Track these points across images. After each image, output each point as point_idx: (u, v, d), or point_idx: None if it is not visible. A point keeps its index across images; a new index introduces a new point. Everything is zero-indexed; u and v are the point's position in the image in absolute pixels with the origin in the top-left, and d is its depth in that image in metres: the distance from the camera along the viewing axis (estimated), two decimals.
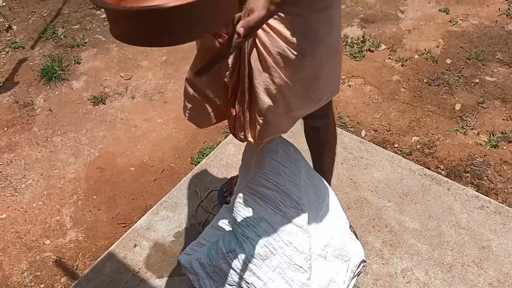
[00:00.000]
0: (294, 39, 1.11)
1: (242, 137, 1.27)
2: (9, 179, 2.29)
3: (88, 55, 2.91)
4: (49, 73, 2.75)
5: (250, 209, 1.50)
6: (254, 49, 1.12)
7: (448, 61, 2.69)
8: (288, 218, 1.48)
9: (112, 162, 2.32)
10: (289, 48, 1.12)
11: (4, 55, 2.96)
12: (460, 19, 2.94)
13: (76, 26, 3.12)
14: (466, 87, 2.54)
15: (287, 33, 1.10)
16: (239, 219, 1.49)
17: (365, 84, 2.61)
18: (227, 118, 1.31)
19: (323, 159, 1.72)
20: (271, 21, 1.08)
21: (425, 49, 2.76)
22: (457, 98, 2.49)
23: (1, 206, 2.18)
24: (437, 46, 2.78)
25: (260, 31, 1.09)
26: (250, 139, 1.26)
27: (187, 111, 1.31)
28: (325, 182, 1.66)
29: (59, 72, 2.76)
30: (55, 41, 3.02)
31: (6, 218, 2.13)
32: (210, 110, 1.28)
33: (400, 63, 2.70)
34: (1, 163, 2.35)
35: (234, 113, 1.22)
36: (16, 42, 3.02)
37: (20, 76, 2.82)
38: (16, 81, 2.78)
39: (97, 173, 2.27)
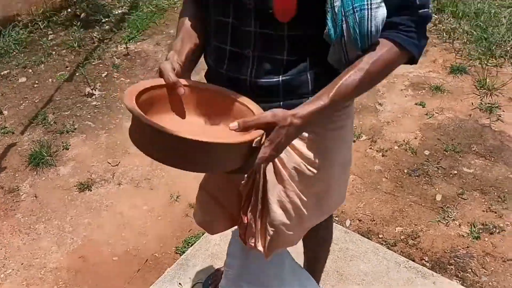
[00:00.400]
0: (309, 155, 1.16)
1: (252, 244, 1.27)
2: None
3: (77, 141, 2.95)
4: (37, 158, 2.77)
5: None
6: (270, 163, 1.16)
7: (427, 152, 2.80)
8: None
9: (95, 251, 2.29)
10: (304, 163, 1.17)
11: None
12: (436, 112, 3.10)
13: (66, 113, 3.19)
14: (445, 178, 2.63)
15: (303, 149, 1.15)
16: None
17: None
18: (237, 225, 1.32)
19: (318, 259, 1.74)
20: None
21: (404, 140, 2.88)
22: (437, 189, 2.56)
23: None
24: (415, 138, 2.91)
25: None
26: (260, 248, 1.26)
27: (199, 217, 1.31)
28: (312, 278, 1.66)
29: (47, 157, 2.79)
30: (45, 126, 3.07)
31: None
32: (222, 216, 1.29)
33: (381, 153, 2.80)
34: None
35: (246, 221, 1.23)
36: (6, 127, 3.06)
37: (7, 161, 2.83)
38: (3, 166, 2.79)
39: (79, 263, 2.22)
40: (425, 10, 0.98)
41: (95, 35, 3.96)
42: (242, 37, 1.05)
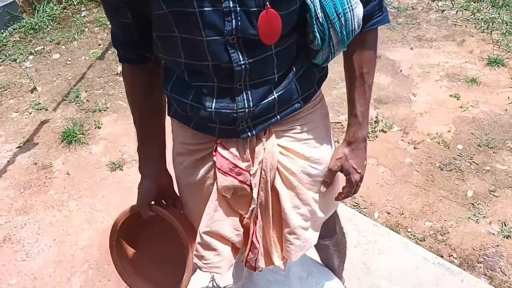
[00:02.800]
0: (311, 153, 1.18)
1: (263, 266, 1.26)
2: (22, 243, 2.29)
3: (109, 120, 2.99)
4: (70, 136, 2.82)
5: None
6: (277, 174, 1.16)
7: (460, 146, 2.75)
8: None
9: None
10: (308, 163, 1.19)
11: (27, 116, 3.05)
12: (470, 105, 3.03)
13: (99, 91, 3.23)
14: (477, 174, 2.58)
15: (304, 150, 1.17)
16: None
17: (378, 165, 2.65)
18: (240, 253, 1.28)
19: (333, 266, 1.74)
20: (286, 144, 1.16)
21: (436, 133, 2.83)
22: (469, 185, 2.52)
23: (12, 270, 2.17)
24: (449, 131, 2.85)
25: (280, 156, 1.15)
26: (278, 262, 1.26)
27: (204, 262, 1.22)
28: (329, 272, 1.67)
29: (79, 135, 2.84)
30: (78, 104, 3.11)
31: (15, 284, 2.12)
32: (228, 252, 1.24)
33: (412, 146, 2.76)
34: (15, 226, 2.37)
35: (257, 246, 1.22)
36: (40, 104, 3.12)
37: (40, 137, 2.89)
38: (36, 142, 2.85)
39: None
40: None
41: None
42: (231, 74, 1.01)
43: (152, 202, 1.26)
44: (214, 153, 1.12)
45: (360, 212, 2.36)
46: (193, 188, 1.22)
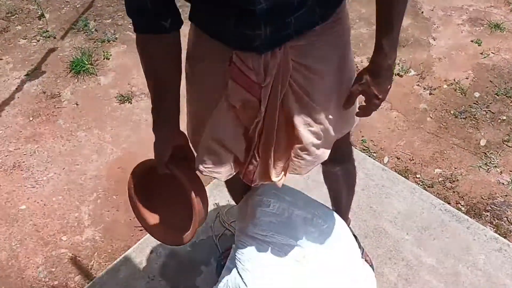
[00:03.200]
0: (327, 73, 1.16)
1: (260, 180, 1.28)
2: (31, 170, 2.31)
3: (118, 52, 2.92)
4: (78, 66, 2.77)
5: (248, 248, 1.54)
6: (290, 91, 1.14)
7: (477, 94, 2.67)
8: (285, 252, 1.53)
9: (134, 163, 2.32)
10: (323, 82, 1.16)
11: (35, 43, 2.99)
12: (492, 52, 2.92)
13: (108, 21, 3.13)
14: (492, 123, 2.52)
15: (319, 68, 1.14)
16: (238, 256, 1.54)
17: (392, 110, 2.60)
18: (241, 167, 1.29)
19: (341, 200, 1.74)
20: (301, 60, 1.12)
21: (454, 79, 2.75)
22: (482, 134, 2.47)
23: (22, 196, 2.20)
24: (467, 78, 2.77)
25: (294, 72, 1.12)
26: (275, 179, 1.27)
27: (205, 166, 1.26)
28: (335, 216, 1.67)
29: (88, 66, 2.78)
30: (86, 33, 3.03)
31: (25, 209, 2.16)
32: (229, 159, 1.25)
33: (428, 91, 2.69)
34: (25, 153, 2.38)
35: (257, 159, 1.23)
36: (48, 31, 3.04)
37: (49, 66, 2.84)
38: (44, 70, 2.81)
39: (118, 173, 2.28)
40: None
41: None
42: (252, 12, 0.99)
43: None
44: (228, 63, 1.11)
45: (370, 156, 2.34)
46: (203, 93, 1.22)
